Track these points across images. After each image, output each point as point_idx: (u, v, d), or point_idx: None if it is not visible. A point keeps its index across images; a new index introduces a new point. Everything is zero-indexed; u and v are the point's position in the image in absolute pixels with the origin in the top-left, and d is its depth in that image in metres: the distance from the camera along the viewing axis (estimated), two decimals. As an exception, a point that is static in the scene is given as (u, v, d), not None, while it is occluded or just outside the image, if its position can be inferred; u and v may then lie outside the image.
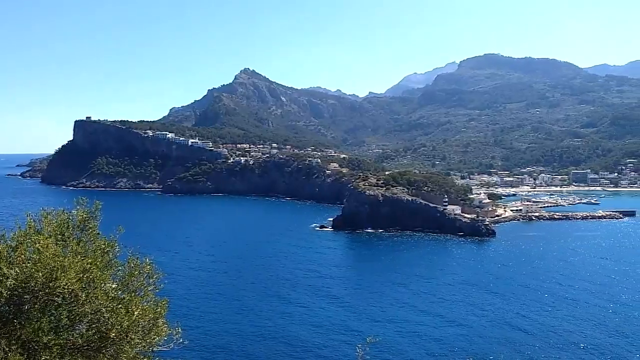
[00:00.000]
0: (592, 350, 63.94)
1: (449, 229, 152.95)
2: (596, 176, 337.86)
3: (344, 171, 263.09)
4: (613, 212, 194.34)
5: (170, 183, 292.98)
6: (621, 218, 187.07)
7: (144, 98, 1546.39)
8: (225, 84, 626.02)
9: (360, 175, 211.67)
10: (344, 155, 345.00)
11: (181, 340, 10.26)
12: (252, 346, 65.27)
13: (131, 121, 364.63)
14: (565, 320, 75.20)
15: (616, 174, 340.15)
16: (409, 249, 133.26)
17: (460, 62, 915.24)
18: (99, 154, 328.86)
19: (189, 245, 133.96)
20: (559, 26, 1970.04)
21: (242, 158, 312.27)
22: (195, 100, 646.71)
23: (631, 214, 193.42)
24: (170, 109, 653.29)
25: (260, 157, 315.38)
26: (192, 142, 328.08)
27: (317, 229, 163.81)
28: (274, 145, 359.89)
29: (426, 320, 75.51)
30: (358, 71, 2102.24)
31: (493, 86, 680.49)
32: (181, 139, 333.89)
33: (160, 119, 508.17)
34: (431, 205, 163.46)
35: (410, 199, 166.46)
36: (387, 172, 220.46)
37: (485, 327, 72.59)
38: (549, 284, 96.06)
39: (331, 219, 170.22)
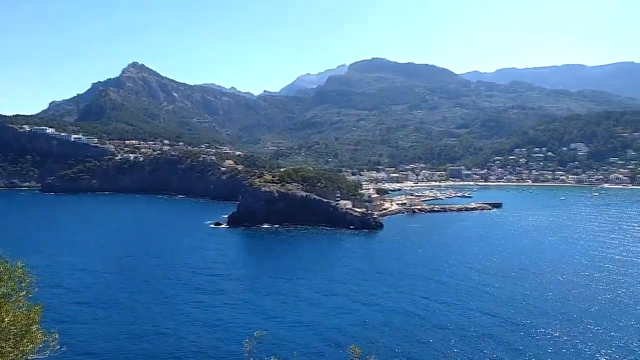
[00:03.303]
0: (472, 328, 70.92)
1: (341, 223, 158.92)
2: (469, 172, 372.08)
3: (239, 168, 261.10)
4: (483, 204, 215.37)
5: (50, 181, 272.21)
6: (490, 209, 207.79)
7: (20, 91, 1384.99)
8: (111, 77, 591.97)
9: (255, 172, 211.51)
10: (239, 153, 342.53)
11: (58, 347, 9.94)
12: (139, 350, 62.78)
13: (5, 115, 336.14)
14: (448, 302, 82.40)
15: (486, 170, 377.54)
16: (304, 243, 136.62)
17: (350, 65, 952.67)
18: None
19: (72, 247, 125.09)
20: (437, 35, 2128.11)
21: (131, 155, 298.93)
22: (78, 94, 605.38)
23: (498, 205, 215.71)
24: (50, 103, 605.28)
25: (151, 154, 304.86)
26: (74, 138, 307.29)
27: (212, 226, 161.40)
28: (166, 141, 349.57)
29: (322, 310, 78.46)
30: (253, 69, 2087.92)
31: (380, 88, 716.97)
32: (62, 134, 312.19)
33: (38, 113, 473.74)
34: (324, 200, 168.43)
35: (304, 194, 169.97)
36: (282, 169, 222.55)
37: (378, 312, 77.11)
38: (432, 270, 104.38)
39: (226, 216, 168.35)
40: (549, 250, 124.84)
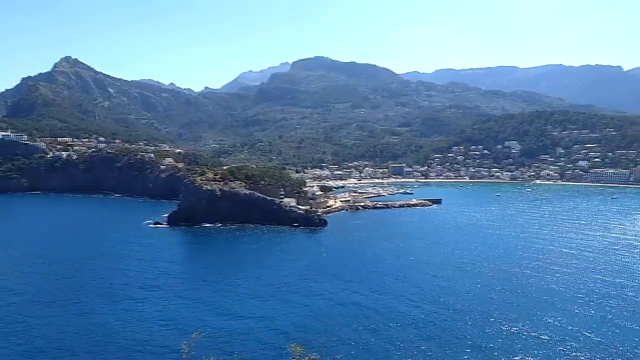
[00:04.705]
0: (419, 318, 72.73)
1: (285, 221, 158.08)
2: (410, 169, 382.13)
3: (179, 166, 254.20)
4: (424, 200, 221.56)
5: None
6: (430, 205, 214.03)
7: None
8: (42, 72, 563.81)
9: (197, 170, 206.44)
10: (180, 150, 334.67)
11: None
12: (81, 350, 61.07)
13: None
14: (394, 295, 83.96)
15: (426, 168, 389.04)
16: (247, 241, 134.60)
17: (293, 62, 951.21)
18: None
19: (3, 249, 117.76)
20: (378, 35, 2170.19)
21: (63, 153, 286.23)
22: (6, 89, 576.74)
23: (438, 201, 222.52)
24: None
25: (85, 152, 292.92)
26: (2, 135, 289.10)
27: (151, 226, 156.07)
28: (101, 139, 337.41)
29: (270, 307, 77.84)
30: (193, 65, 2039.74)
31: (323, 87, 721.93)
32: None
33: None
34: (268, 198, 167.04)
35: (247, 192, 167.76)
36: (224, 167, 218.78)
37: (327, 308, 77.47)
38: (378, 264, 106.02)
39: (166, 215, 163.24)
40: (487, 243, 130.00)
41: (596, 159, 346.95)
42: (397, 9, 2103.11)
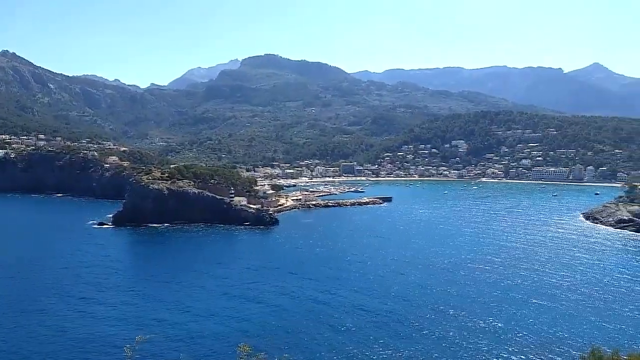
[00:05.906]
0: (374, 314, 72.91)
1: (236, 220, 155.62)
2: (361, 168, 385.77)
3: (124, 165, 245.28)
4: (375, 198, 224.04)
5: None
6: (381, 203, 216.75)
7: None
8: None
9: (143, 168, 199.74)
10: (125, 148, 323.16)
11: None
12: (27, 354, 58.65)
13: None
14: (349, 291, 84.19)
15: (377, 166, 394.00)
16: (197, 241, 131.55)
17: (243, 60, 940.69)
18: None
19: None
20: (328, 34, 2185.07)
21: (0, 151, 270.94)
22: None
23: (389, 199, 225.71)
24: None
25: (23, 150, 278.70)
26: None
27: (95, 226, 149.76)
28: (41, 136, 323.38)
29: (223, 305, 76.42)
30: (139, 61, 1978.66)
31: (273, 85, 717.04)
32: None
33: None
34: (218, 197, 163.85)
35: (196, 192, 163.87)
36: (172, 166, 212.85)
37: (282, 305, 76.77)
38: (330, 261, 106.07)
39: (111, 215, 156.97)
40: (437, 239, 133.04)
41: (538, 158, 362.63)
42: (347, 9, 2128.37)
